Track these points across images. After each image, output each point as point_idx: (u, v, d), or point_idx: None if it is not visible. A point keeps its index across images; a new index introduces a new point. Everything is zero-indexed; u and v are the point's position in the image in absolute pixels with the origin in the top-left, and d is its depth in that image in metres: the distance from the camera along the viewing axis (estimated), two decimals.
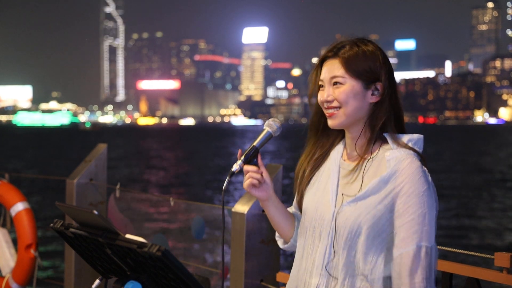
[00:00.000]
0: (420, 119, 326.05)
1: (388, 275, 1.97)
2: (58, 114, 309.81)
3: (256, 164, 2.09)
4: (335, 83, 2.05)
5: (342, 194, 2.06)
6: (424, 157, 2.04)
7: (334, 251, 2.03)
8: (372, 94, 2.05)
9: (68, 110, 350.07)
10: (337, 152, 2.15)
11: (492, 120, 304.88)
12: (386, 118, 2.05)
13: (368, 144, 2.07)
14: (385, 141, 2.06)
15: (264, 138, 2.10)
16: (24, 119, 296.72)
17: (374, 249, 1.98)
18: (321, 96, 2.08)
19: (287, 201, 2.24)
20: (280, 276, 3.51)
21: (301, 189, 2.19)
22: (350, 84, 2.03)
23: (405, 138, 2.05)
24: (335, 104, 2.05)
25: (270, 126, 2.10)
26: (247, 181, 2.09)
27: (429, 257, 1.92)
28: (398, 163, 1.98)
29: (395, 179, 1.97)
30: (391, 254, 1.97)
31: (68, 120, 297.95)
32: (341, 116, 2.04)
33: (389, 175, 1.98)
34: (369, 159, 2.05)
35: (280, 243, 2.29)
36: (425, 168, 2.00)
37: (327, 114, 2.08)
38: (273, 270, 3.55)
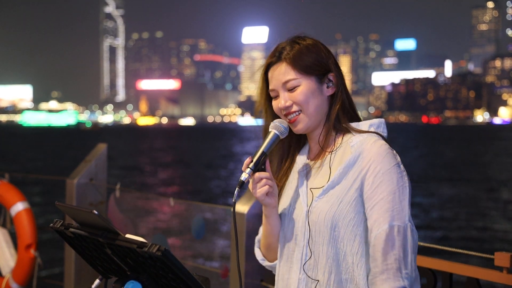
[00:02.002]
0: (424, 119, 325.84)
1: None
2: (64, 114, 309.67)
3: (265, 170, 1.97)
4: (290, 87, 1.98)
5: (311, 190, 1.99)
6: (387, 140, 1.97)
7: (311, 251, 1.95)
8: (328, 87, 2.00)
9: (74, 110, 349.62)
10: (302, 156, 2.09)
11: (498, 120, 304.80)
12: (341, 107, 2.00)
13: (329, 136, 2.01)
14: (347, 132, 1.99)
15: (271, 142, 1.97)
16: (30, 119, 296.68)
17: (358, 239, 1.90)
18: (278, 104, 2.01)
19: None
20: None
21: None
22: (305, 84, 1.97)
23: (366, 124, 2.00)
24: (294, 108, 1.98)
25: (277, 127, 1.99)
26: (262, 189, 1.96)
27: (402, 236, 1.83)
28: (362, 145, 1.92)
29: (361, 161, 1.90)
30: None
31: (74, 120, 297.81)
32: (304, 119, 1.98)
33: (354, 158, 1.92)
34: (333, 151, 1.99)
35: (267, 263, 2.15)
36: (391, 147, 1.92)
37: (288, 121, 2.00)
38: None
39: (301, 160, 2.08)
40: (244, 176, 1.94)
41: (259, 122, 2.20)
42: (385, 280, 1.82)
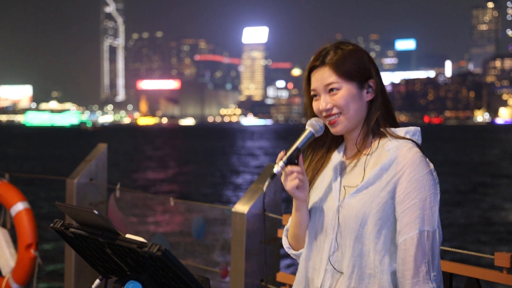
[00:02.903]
0: (426, 119, 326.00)
1: (394, 270, 1.98)
2: (67, 114, 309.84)
3: (297, 164, 2.04)
4: (331, 90, 2.05)
5: (344, 187, 2.07)
6: (421, 148, 2.05)
7: (338, 244, 2.03)
8: (367, 92, 2.07)
9: (77, 110, 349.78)
10: (338, 153, 2.16)
11: (500, 120, 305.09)
12: (381, 112, 2.08)
13: (366, 139, 2.09)
14: (383, 136, 2.07)
15: (306, 139, 2.05)
16: (33, 119, 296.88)
17: (383, 239, 1.99)
18: (318, 105, 2.08)
19: (290, 202, 2.23)
20: (280, 276, 3.51)
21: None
22: (346, 88, 2.04)
23: (402, 130, 2.08)
24: (335, 111, 2.05)
25: (312, 126, 2.06)
26: (293, 182, 2.03)
27: (431, 241, 1.93)
28: (397, 150, 2.00)
29: (396, 165, 1.98)
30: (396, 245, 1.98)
31: (77, 120, 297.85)
32: (344, 121, 2.05)
33: (389, 162, 2.00)
34: (369, 153, 2.07)
35: (292, 252, 2.23)
36: (425, 156, 2.01)
37: (328, 122, 2.08)
38: (273, 270, 3.56)
39: (336, 158, 2.15)
40: (276, 169, 2.01)
41: (263, 122, 2.22)
42: (415, 283, 1.93)
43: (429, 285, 1.92)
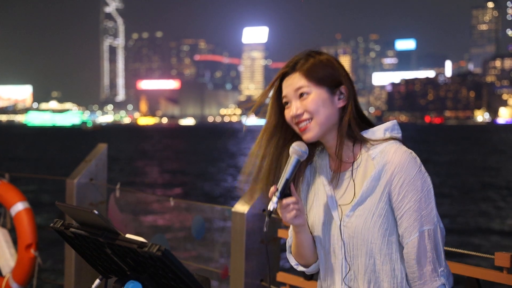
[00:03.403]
0: (427, 119, 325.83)
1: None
2: (69, 114, 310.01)
3: (291, 195, 2.02)
4: (301, 95, 2.04)
5: (340, 206, 2.06)
6: (403, 141, 2.05)
7: (349, 265, 2.04)
8: (339, 99, 2.06)
9: (79, 110, 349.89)
10: (325, 164, 2.14)
11: (501, 120, 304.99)
12: (352, 117, 2.06)
13: (348, 147, 2.07)
14: (364, 142, 2.06)
15: (293, 168, 2.01)
16: (34, 119, 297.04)
17: (394, 247, 2.00)
18: (289, 112, 2.07)
19: None
20: (280, 276, 3.51)
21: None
22: (316, 93, 2.03)
23: (381, 129, 2.06)
24: (305, 116, 2.04)
25: (296, 152, 2.02)
26: (290, 213, 2.02)
27: (433, 238, 1.94)
28: (384, 156, 1.99)
29: (385, 174, 1.98)
30: None
31: (79, 120, 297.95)
32: (314, 127, 2.03)
33: (379, 171, 1.99)
34: (355, 164, 2.05)
35: (301, 268, 2.23)
36: (411, 151, 2.00)
37: (299, 130, 2.06)
38: (273, 270, 3.55)
39: (323, 169, 2.14)
40: (271, 206, 1.99)
41: (264, 122, 2.23)
42: (423, 284, 1.95)
43: (437, 282, 1.93)
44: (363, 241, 1.99)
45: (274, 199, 1.99)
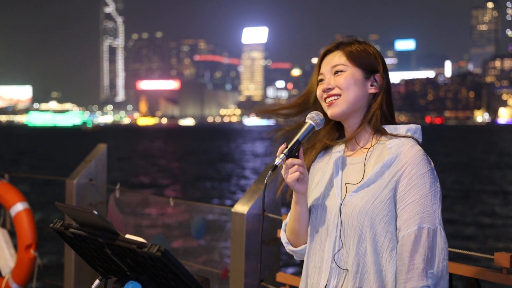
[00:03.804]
0: (427, 119, 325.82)
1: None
2: (70, 114, 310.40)
3: (298, 157, 2.05)
4: (336, 72, 2.09)
5: (346, 185, 2.07)
6: (422, 146, 2.06)
7: (342, 243, 2.03)
8: (371, 85, 2.10)
9: (80, 111, 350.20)
10: (339, 149, 2.17)
11: (502, 120, 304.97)
12: (381, 109, 2.09)
13: (367, 135, 2.10)
14: (384, 133, 2.08)
15: (307, 132, 2.06)
16: (35, 119, 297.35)
17: (389, 236, 1.98)
18: (323, 85, 2.11)
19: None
20: (280, 276, 3.51)
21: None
22: (351, 71, 2.08)
23: (404, 128, 2.09)
24: (335, 91, 2.08)
25: (312, 119, 2.08)
26: (294, 174, 2.04)
27: (431, 238, 1.92)
28: (399, 148, 2.01)
29: (397, 163, 1.99)
30: None
31: (80, 120, 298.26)
32: (342, 103, 2.07)
33: (391, 160, 2.00)
34: (370, 150, 2.07)
35: (290, 248, 2.23)
36: (427, 154, 2.02)
37: (327, 104, 2.10)
38: (273, 270, 3.55)
39: (337, 153, 2.16)
40: (277, 161, 2.01)
41: (266, 122, 2.25)
42: (409, 278, 1.92)
43: (423, 282, 1.90)
44: (359, 222, 1.99)
45: (282, 155, 2.02)
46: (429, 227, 1.93)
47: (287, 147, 2.03)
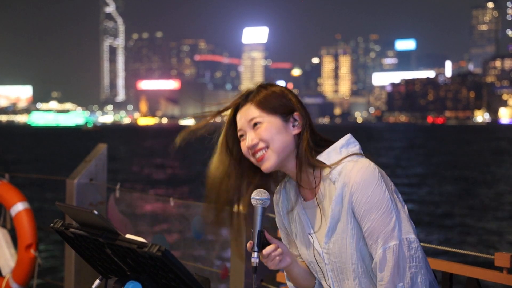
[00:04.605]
0: (429, 119, 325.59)
1: None
2: (72, 114, 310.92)
3: (269, 243, 2.02)
4: (255, 125, 2.04)
5: (316, 234, 2.08)
6: (362, 153, 2.03)
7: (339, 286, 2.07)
8: (293, 126, 2.06)
9: (82, 110, 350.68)
10: (295, 193, 2.14)
11: (504, 120, 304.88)
12: (308, 144, 2.04)
13: (308, 175, 2.06)
14: (323, 166, 2.03)
15: (261, 217, 1.99)
16: (38, 119, 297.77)
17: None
18: (245, 144, 2.06)
19: None
20: (280, 276, 3.51)
21: (291, 240, 2.23)
22: (268, 121, 2.03)
23: (336, 148, 2.04)
24: (261, 145, 2.03)
25: (258, 202, 1.99)
26: (274, 261, 2.04)
27: (397, 254, 1.92)
28: (342, 178, 1.98)
29: (345, 195, 1.97)
30: None
31: (82, 120, 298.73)
32: (271, 155, 2.02)
33: (339, 195, 1.98)
34: (319, 190, 2.05)
35: None
36: (369, 163, 1.97)
37: (257, 160, 2.05)
38: (273, 270, 3.55)
39: (296, 200, 2.14)
40: (254, 262, 1.99)
41: None
42: None
43: None
44: (345, 264, 2.01)
45: (254, 254, 1.98)
46: (394, 244, 1.92)
47: (253, 243, 1.97)
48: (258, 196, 1.99)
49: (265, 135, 2.02)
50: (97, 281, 1.89)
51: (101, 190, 5.02)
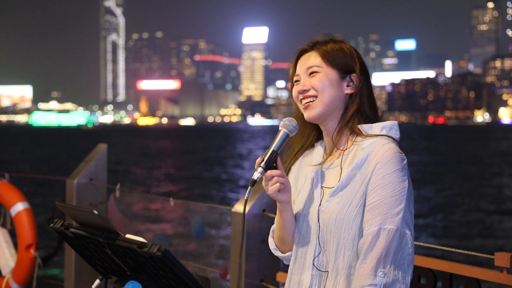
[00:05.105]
0: (430, 119, 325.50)
1: None
2: (74, 114, 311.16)
3: (277, 168, 2.02)
4: (311, 73, 2.07)
5: (323, 189, 2.06)
6: (400, 143, 2.03)
7: (321, 247, 2.02)
8: (348, 86, 2.08)
9: (84, 110, 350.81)
10: (318, 152, 2.15)
11: (506, 120, 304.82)
12: (360, 110, 2.07)
13: (342, 135, 2.08)
14: (359, 133, 2.05)
15: (281, 140, 2.02)
16: (40, 119, 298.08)
17: None
18: (297, 88, 2.09)
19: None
20: (280, 276, 3.51)
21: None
22: (325, 72, 2.06)
23: (379, 126, 2.05)
24: (311, 92, 2.06)
25: (285, 126, 2.04)
26: (274, 186, 2.01)
27: (390, 239, 1.88)
28: (370, 147, 1.98)
29: (368, 163, 1.96)
30: None
31: (84, 120, 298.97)
32: (318, 105, 2.05)
33: (362, 160, 1.98)
34: (346, 152, 2.05)
35: (279, 254, 2.22)
36: (400, 151, 1.97)
37: (303, 107, 2.08)
38: (273, 270, 3.56)
39: (317, 157, 2.14)
40: (256, 175, 1.99)
41: (270, 122, 2.22)
42: (358, 276, 1.90)
43: (369, 280, 1.87)
44: (337, 228, 1.97)
45: (259, 169, 1.99)
46: (390, 228, 1.89)
47: (263, 159, 1.99)
48: (288, 121, 2.04)
49: (318, 84, 2.05)
50: (97, 281, 1.89)
51: (101, 190, 5.03)
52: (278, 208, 2.11)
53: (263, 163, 1.99)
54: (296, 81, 2.12)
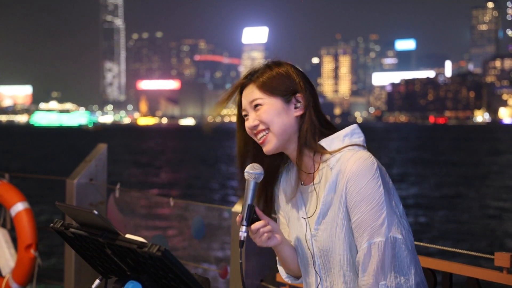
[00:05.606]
0: (431, 119, 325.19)
1: None
2: (76, 114, 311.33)
3: (258, 219, 1.99)
4: (256, 106, 2.04)
5: (306, 220, 2.05)
6: (367, 144, 2.01)
7: (319, 276, 2.04)
8: (296, 107, 2.04)
9: (86, 110, 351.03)
10: (294, 177, 2.11)
11: (507, 120, 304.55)
12: (311, 127, 2.02)
13: (309, 158, 2.04)
14: (323, 151, 2.01)
15: (253, 191, 1.97)
16: (41, 119, 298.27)
17: None
18: (248, 124, 2.06)
19: None
20: (280, 276, 3.51)
21: (284, 224, 2.19)
22: (268, 103, 2.02)
23: (340, 136, 2.01)
24: (261, 126, 2.03)
25: (250, 176, 1.97)
26: (262, 238, 1.99)
27: (382, 251, 1.89)
28: (339, 166, 1.95)
29: (340, 182, 1.95)
30: None
31: (86, 120, 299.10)
32: (272, 138, 2.02)
33: (333, 182, 1.96)
34: (316, 174, 2.03)
35: (292, 280, 2.22)
36: (368, 156, 1.95)
37: (259, 142, 2.05)
38: (273, 270, 3.55)
39: (294, 184, 2.11)
40: (242, 236, 1.96)
41: None
42: None
43: None
44: (333, 253, 1.98)
45: (243, 228, 1.95)
46: (379, 241, 1.89)
47: (242, 216, 1.96)
48: (251, 170, 1.98)
49: (264, 117, 2.01)
50: (97, 281, 1.89)
51: (101, 190, 5.02)
52: (274, 250, 2.12)
53: (243, 220, 1.96)
54: (245, 115, 2.09)
